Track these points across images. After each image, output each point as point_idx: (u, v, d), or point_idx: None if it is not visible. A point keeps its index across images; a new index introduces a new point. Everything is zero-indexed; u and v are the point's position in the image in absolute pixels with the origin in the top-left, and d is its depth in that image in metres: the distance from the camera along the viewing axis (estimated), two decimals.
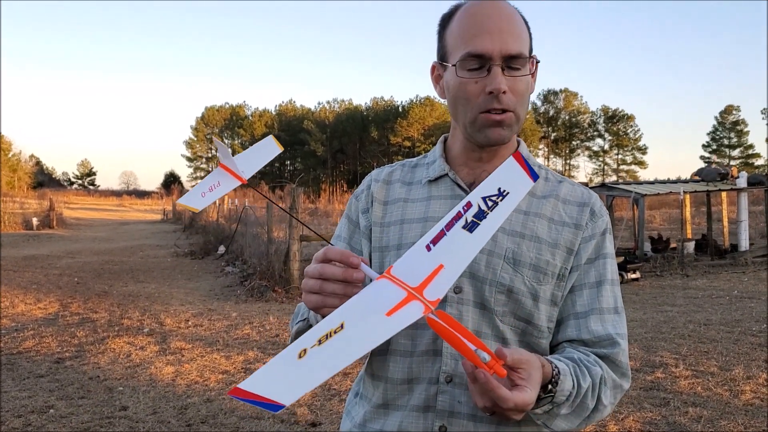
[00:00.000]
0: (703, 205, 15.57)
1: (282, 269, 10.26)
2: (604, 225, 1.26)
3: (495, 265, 1.18)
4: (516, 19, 1.19)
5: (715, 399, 4.72)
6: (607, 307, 1.21)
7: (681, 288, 10.25)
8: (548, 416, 1.09)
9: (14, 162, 70.45)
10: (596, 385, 1.13)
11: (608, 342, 1.18)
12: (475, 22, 1.17)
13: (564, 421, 1.11)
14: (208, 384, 5.26)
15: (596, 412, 1.15)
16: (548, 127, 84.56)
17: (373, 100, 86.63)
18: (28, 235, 23.32)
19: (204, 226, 21.77)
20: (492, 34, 1.15)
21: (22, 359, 6.04)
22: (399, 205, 1.31)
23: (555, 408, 1.08)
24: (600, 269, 1.23)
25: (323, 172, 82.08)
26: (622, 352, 1.19)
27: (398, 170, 1.38)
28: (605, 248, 1.25)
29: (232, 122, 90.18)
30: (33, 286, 10.65)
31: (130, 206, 63.04)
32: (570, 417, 1.11)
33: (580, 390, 1.10)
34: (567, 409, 1.09)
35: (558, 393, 1.06)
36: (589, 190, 1.29)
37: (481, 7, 1.18)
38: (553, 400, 1.06)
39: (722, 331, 6.82)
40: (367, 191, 1.36)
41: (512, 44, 1.15)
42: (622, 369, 1.20)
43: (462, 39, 1.18)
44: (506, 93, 1.16)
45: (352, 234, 1.36)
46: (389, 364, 1.24)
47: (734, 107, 77.68)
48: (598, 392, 1.14)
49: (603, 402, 1.15)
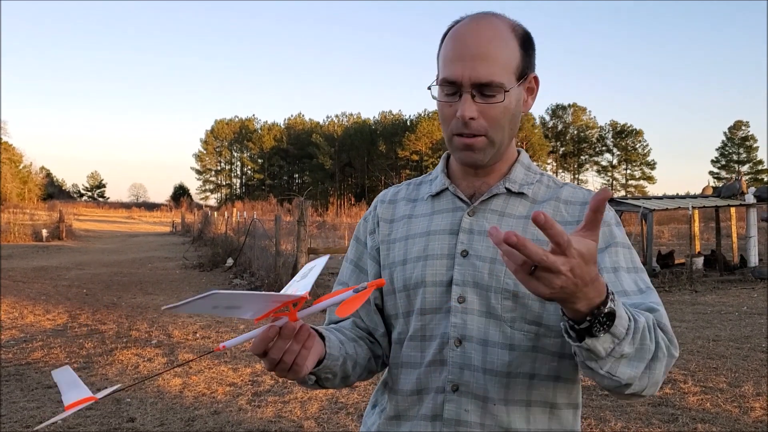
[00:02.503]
0: (712, 221, 15.51)
1: (289, 282, 10.25)
2: (609, 218, 1.22)
3: (498, 272, 1.19)
4: (496, 44, 1.17)
5: (724, 416, 4.69)
6: (631, 289, 1.15)
7: (690, 304, 10.19)
8: (612, 359, 0.98)
9: (25, 174, 70.95)
10: (650, 327, 1.04)
11: (645, 308, 1.09)
12: (454, 47, 1.18)
13: (628, 365, 1.00)
14: (215, 396, 5.27)
15: (657, 361, 1.04)
16: (556, 141, 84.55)
17: (381, 113, 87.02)
18: (38, 246, 23.46)
19: (212, 239, 21.85)
20: (464, 60, 1.15)
21: (31, 370, 6.06)
22: (404, 222, 1.34)
23: (618, 346, 0.97)
24: (613, 257, 1.17)
25: (331, 185, 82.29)
26: (662, 315, 1.09)
27: (404, 189, 1.42)
28: (615, 237, 1.20)
29: (241, 135, 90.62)
30: (42, 297, 10.71)
31: (139, 218, 63.27)
32: (634, 361, 1.01)
33: (637, 324, 1.00)
34: (629, 346, 0.98)
35: (617, 320, 0.95)
36: (590, 190, 1.27)
37: (461, 32, 1.19)
38: (610, 329, 0.95)
39: (731, 347, 6.78)
40: (374, 212, 1.41)
41: (483, 72, 1.14)
42: (669, 334, 1.08)
43: (442, 62, 1.20)
44: (475, 119, 1.17)
45: (360, 255, 1.40)
46: (400, 377, 1.27)
47: (743, 122, 77.51)
48: (655, 335, 1.04)
49: (662, 348, 1.04)
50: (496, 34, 1.17)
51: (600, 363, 0.99)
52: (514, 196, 1.26)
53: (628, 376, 1.01)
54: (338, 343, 1.22)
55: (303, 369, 1.07)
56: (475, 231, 1.23)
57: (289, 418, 4.75)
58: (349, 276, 1.40)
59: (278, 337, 1.02)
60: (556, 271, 0.87)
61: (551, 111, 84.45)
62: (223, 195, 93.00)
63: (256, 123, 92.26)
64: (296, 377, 1.10)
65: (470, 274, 1.20)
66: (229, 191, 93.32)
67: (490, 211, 1.25)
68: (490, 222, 1.23)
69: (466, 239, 1.23)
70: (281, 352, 1.03)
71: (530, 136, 72.05)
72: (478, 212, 1.25)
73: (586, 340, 0.95)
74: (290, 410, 4.89)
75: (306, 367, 1.08)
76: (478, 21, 1.19)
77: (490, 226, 1.20)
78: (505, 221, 1.23)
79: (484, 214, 1.25)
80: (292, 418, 4.73)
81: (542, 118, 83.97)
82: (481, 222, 1.24)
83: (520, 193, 1.26)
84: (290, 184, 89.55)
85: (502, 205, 1.25)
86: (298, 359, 1.05)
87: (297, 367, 1.06)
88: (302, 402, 5.07)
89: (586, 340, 0.95)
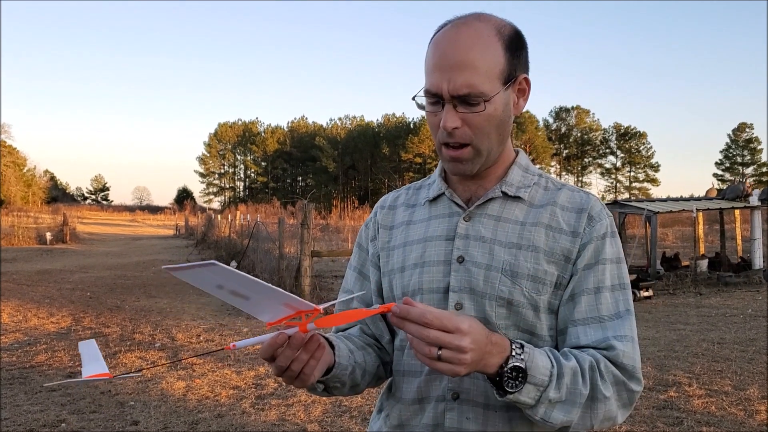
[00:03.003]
0: (717, 223, 15.48)
1: (293, 285, 10.27)
2: (604, 229, 1.20)
3: (493, 279, 1.18)
4: (477, 51, 1.13)
5: (729, 419, 4.66)
6: (608, 314, 1.16)
7: (694, 306, 10.16)
8: (542, 407, 1.05)
9: (29, 177, 71.19)
10: (585, 370, 1.08)
11: (604, 345, 1.13)
12: (434, 56, 1.16)
13: (560, 411, 1.06)
14: (219, 399, 5.26)
15: (596, 402, 1.09)
16: (560, 144, 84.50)
17: (384, 116, 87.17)
18: (42, 249, 23.50)
19: (216, 242, 21.90)
20: (443, 71, 1.13)
21: (35, 373, 6.06)
22: (402, 228, 1.34)
23: (543, 392, 1.04)
24: (599, 275, 1.18)
25: (334, 188, 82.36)
26: (621, 353, 1.12)
27: (403, 194, 1.42)
28: (604, 253, 1.19)
29: (244, 138, 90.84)
30: (46, 300, 10.72)
31: (142, 221, 63.37)
32: (566, 406, 1.06)
33: (562, 369, 1.06)
34: (555, 392, 1.04)
35: (532, 369, 1.02)
36: (588, 193, 1.26)
37: (442, 39, 1.16)
38: (528, 380, 1.02)
39: (736, 350, 6.76)
40: (375, 219, 1.40)
41: (461, 83, 1.11)
42: (627, 370, 1.12)
43: (426, 71, 1.18)
44: (459, 128, 1.15)
45: (363, 262, 1.40)
46: (402, 385, 1.27)
47: (747, 125, 77.43)
48: (591, 378, 1.08)
49: (602, 391, 1.09)
50: (476, 40, 1.13)
51: (533, 411, 1.06)
52: (511, 200, 1.25)
53: (560, 420, 1.07)
54: (348, 352, 1.21)
55: (310, 378, 1.08)
56: (471, 237, 1.22)
57: (292, 421, 4.74)
58: (353, 284, 1.39)
59: (287, 345, 1.02)
60: (461, 349, 0.97)
61: (554, 113, 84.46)
62: (227, 198, 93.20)
63: (259, 126, 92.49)
64: (303, 386, 1.10)
65: (466, 281, 1.19)
66: (233, 194, 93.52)
67: (486, 216, 1.23)
68: (486, 227, 1.22)
69: (462, 245, 1.22)
70: (289, 361, 1.04)
71: (534, 138, 71.91)
72: (474, 217, 1.24)
73: (508, 396, 1.03)
74: (294, 413, 4.88)
75: (314, 376, 1.08)
76: (459, 27, 1.16)
77: (486, 231, 1.21)
78: (501, 226, 1.22)
79: (480, 219, 1.23)
80: (296, 422, 4.72)
81: (546, 120, 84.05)
82: (477, 227, 1.23)
83: (516, 197, 1.25)
84: (293, 186, 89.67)
85: (499, 209, 1.24)
86: (305, 369, 1.06)
87: (304, 377, 1.07)
88: (306, 405, 5.06)
89: (508, 395, 1.03)
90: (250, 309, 1.00)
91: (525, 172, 1.29)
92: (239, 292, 0.95)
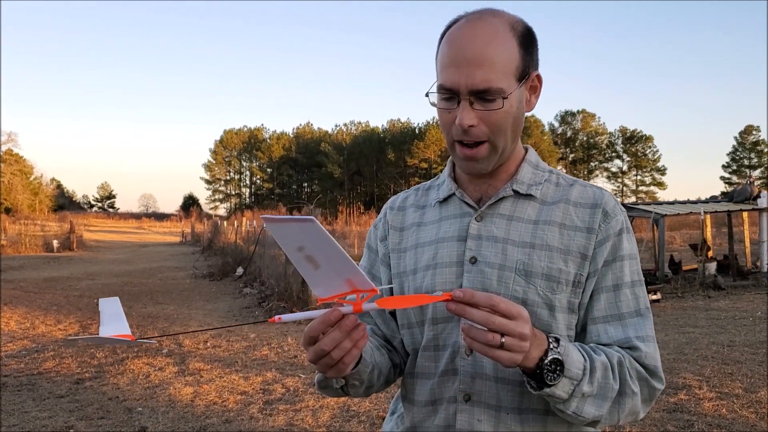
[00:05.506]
0: (724, 226, 15.40)
1: (300, 290, 10.26)
2: (619, 225, 1.20)
3: (507, 279, 1.17)
4: (494, 46, 1.12)
5: (740, 421, 4.63)
6: (628, 311, 1.17)
7: (703, 309, 10.10)
8: (574, 401, 1.04)
9: (35, 185, 71.54)
10: (614, 365, 1.09)
11: (627, 346, 1.14)
12: (449, 52, 1.14)
13: (592, 405, 1.06)
14: (226, 405, 5.25)
15: (625, 397, 1.09)
16: (566, 148, 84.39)
17: (389, 122, 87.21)
18: (49, 257, 23.58)
19: (222, 248, 21.89)
20: (460, 67, 1.11)
21: (43, 380, 6.07)
22: (413, 230, 1.33)
23: (577, 386, 1.03)
24: (617, 272, 1.18)
25: (340, 193, 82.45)
26: (644, 354, 1.13)
27: (412, 195, 1.41)
28: (622, 249, 1.19)
29: (250, 145, 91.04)
30: (53, 308, 10.74)
31: (149, 228, 63.49)
32: (597, 400, 1.06)
33: (594, 363, 1.06)
34: (588, 386, 1.04)
35: (568, 363, 1.02)
36: (601, 189, 1.24)
37: (456, 35, 1.15)
38: (564, 373, 1.01)
39: (746, 353, 6.71)
40: (384, 219, 1.39)
41: (480, 78, 1.10)
42: (650, 369, 1.14)
43: (439, 67, 1.17)
44: (475, 126, 1.14)
45: (372, 263, 1.39)
46: (415, 387, 1.26)
47: (754, 127, 77.15)
48: (620, 373, 1.09)
49: (630, 386, 1.09)
50: (493, 35, 1.13)
51: (565, 405, 1.05)
52: (523, 198, 1.24)
53: (592, 415, 1.07)
54: (370, 350, 1.20)
55: (347, 368, 1.04)
56: (483, 237, 1.21)
57: (300, 426, 4.72)
58: None
59: (336, 327, 0.99)
60: (522, 335, 0.96)
61: (560, 117, 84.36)
62: (233, 204, 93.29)
63: (264, 132, 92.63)
64: (338, 375, 1.06)
65: (479, 282, 1.18)
66: (239, 201, 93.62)
67: (498, 216, 1.22)
68: (498, 227, 1.21)
69: (474, 246, 1.21)
70: (334, 344, 0.99)
71: (539, 143, 71.87)
72: (486, 217, 1.23)
73: (545, 389, 1.02)
74: (302, 418, 4.87)
75: (350, 368, 1.05)
76: (474, 22, 1.15)
77: (498, 231, 1.19)
78: (514, 225, 1.21)
79: (492, 218, 1.22)
80: (304, 427, 4.70)
81: (551, 124, 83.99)
82: (489, 227, 1.22)
83: (528, 195, 1.23)
84: (299, 192, 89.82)
85: (510, 208, 1.23)
86: (346, 357, 1.02)
87: (342, 365, 1.03)
88: (314, 410, 5.04)
89: (545, 389, 1.02)
90: (313, 278, 0.94)
91: (535, 169, 1.28)
92: (315, 258, 0.90)
